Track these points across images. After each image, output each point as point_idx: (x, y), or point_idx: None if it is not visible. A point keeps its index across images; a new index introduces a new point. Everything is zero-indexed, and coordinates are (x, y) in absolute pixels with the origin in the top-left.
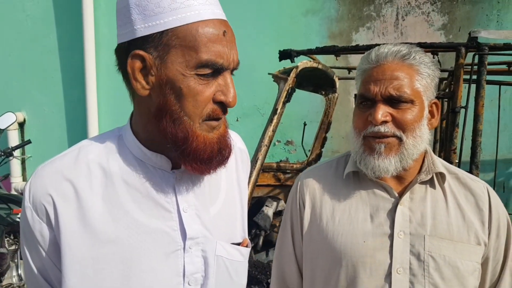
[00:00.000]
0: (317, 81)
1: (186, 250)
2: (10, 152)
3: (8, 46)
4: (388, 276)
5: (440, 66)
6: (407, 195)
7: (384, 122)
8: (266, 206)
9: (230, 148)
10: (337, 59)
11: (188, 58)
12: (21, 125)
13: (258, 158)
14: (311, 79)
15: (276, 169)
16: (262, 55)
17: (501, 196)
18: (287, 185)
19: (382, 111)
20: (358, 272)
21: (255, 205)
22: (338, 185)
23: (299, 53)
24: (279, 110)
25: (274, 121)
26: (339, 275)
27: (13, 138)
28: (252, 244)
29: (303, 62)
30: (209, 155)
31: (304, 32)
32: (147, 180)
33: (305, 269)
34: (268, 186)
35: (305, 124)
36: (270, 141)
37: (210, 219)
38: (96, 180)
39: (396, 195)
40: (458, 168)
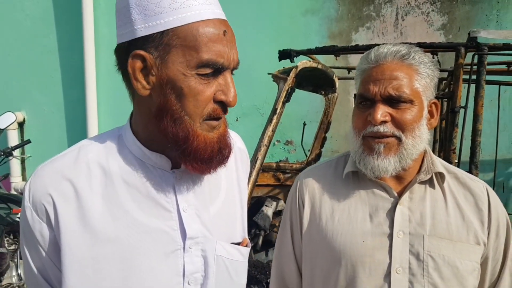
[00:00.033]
0: (317, 81)
1: (186, 250)
2: (9, 152)
3: (7, 46)
4: (388, 275)
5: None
6: (407, 195)
7: (384, 122)
8: (266, 206)
9: (230, 147)
10: (336, 59)
11: (188, 58)
12: (21, 125)
13: (257, 158)
14: (311, 79)
15: (275, 169)
16: (261, 55)
17: (500, 196)
18: (287, 185)
19: (382, 111)
20: (357, 271)
21: (255, 205)
22: (338, 185)
23: (299, 53)
24: (278, 110)
25: (274, 121)
26: (338, 274)
27: (13, 138)
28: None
29: (302, 62)
30: (210, 154)
31: (303, 32)
32: (147, 180)
33: (305, 269)
34: (268, 186)
35: (304, 124)
36: (270, 141)
37: (210, 219)
38: (96, 180)
39: (396, 195)
40: (458, 168)
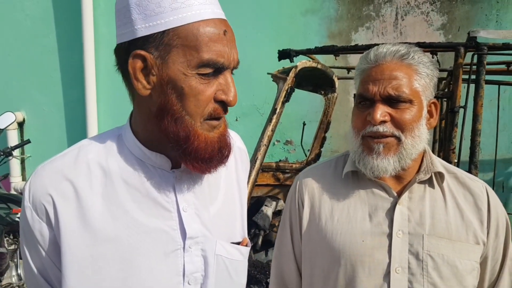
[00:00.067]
0: (316, 81)
1: (186, 250)
2: (9, 152)
3: (7, 46)
4: (387, 275)
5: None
6: (406, 195)
7: (383, 122)
8: (265, 205)
9: (230, 147)
10: (336, 59)
11: (189, 57)
12: (21, 124)
13: (257, 157)
14: (310, 79)
15: (275, 169)
16: (261, 54)
17: (500, 196)
18: (286, 184)
19: (381, 111)
20: (357, 271)
21: (254, 205)
22: (337, 185)
23: (298, 52)
24: (278, 110)
25: (273, 120)
26: (338, 274)
27: (13, 137)
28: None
29: (302, 62)
30: (210, 154)
31: (303, 31)
32: (147, 180)
33: (304, 268)
34: (267, 185)
35: (304, 124)
36: (269, 141)
37: (209, 219)
38: (96, 180)
39: (395, 194)
40: (457, 167)
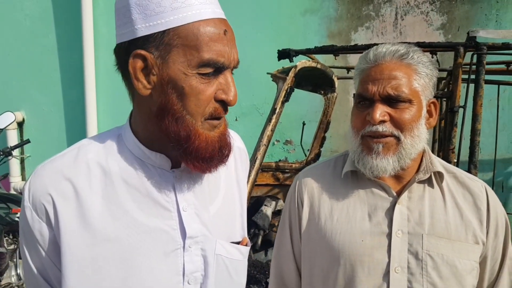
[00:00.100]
0: (316, 81)
1: (186, 249)
2: (9, 152)
3: (7, 46)
4: (386, 275)
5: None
6: (405, 194)
7: (382, 121)
8: (265, 205)
9: (230, 146)
10: (336, 59)
11: (190, 57)
12: (20, 124)
13: (257, 157)
14: (310, 79)
15: (275, 169)
16: (260, 54)
17: (499, 196)
18: (286, 184)
19: (380, 111)
20: (356, 271)
21: (254, 205)
22: (336, 184)
23: (298, 52)
24: (278, 110)
25: (273, 120)
26: (337, 274)
27: (12, 137)
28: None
29: (302, 62)
30: (211, 153)
31: (303, 31)
32: (147, 179)
33: (304, 268)
34: (267, 185)
35: (304, 124)
36: (269, 141)
37: (209, 218)
38: (96, 180)
39: (394, 194)
40: (457, 167)
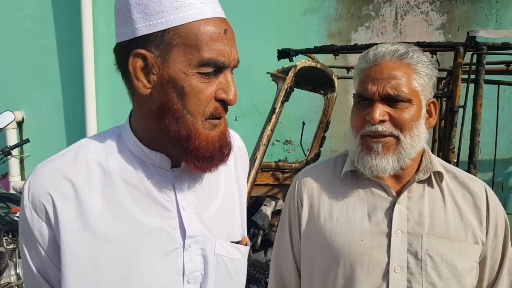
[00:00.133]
0: (316, 81)
1: (186, 249)
2: (8, 151)
3: (6, 46)
4: (386, 274)
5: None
6: (405, 194)
7: (382, 121)
8: (265, 205)
9: (230, 145)
10: (335, 59)
11: (190, 56)
12: (20, 124)
13: (256, 157)
14: (310, 79)
15: (274, 169)
16: (260, 54)
17: (499, 196)
18: (286, 184)
19: (380, 110)
20: (356, 270)
21: (254, 205)
22: (336, 184)
23: (298, 52)
24: (277, 109)
25: (273, 120)
26: (337, 273)
27: (12, 137)
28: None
29: (301, 61)
30: (211, 153)
31: (302, 31)
32: (147, 179)
33: (303, 268)
34: (267, 185)
35: (303, 124)
36: (269, 141)
37: (209, 218)
38: (96, 179)
39: (394, 194)
40: (456, 167)
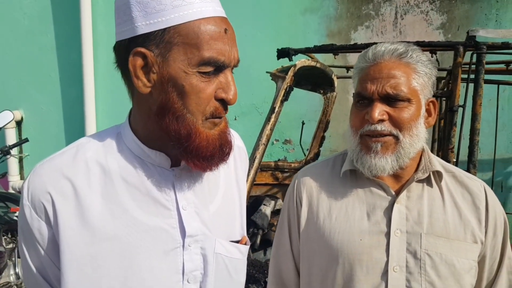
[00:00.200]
0: (316, 80)
1: (185, 248)
2: (7, 151)
3: (5, 44)
4: (385, 274)
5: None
6: (404, 194)
7: (381, 120)
8: (264, 205)
9: (230, 144)
10: (335, 58)
11: (190, 55)
12: (19, 123)
13: (256, 156)
14: (309, 78)
15: (274, 168)
16: (260, 53)
17: (499, 196)
18: (285, 184)
19: (379, 110)
20: (355, 270)
21: (253, 204)
22: (335, 183)
23: (297, 51)
24: (277, 109)
25: (272, 119)
26: (336, 273)
27: (11, 136)
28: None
29: (301, 61)
30: (212, 152)
31: (302, 30)
32: (146, 178)
33: (302, 267)
34: (266, 185)
35: (303, 123)
36: (268, 140)
37: (209, 217)
38: (95, 178)
39: (393, 193)
40: (456, 167)
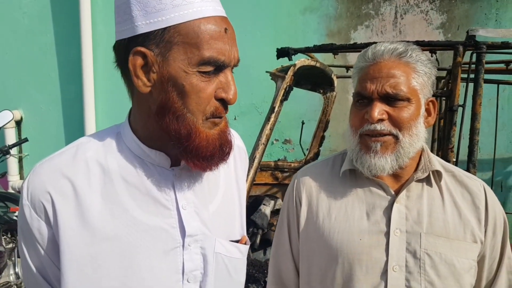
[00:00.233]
0: (315, 80)
1: (185, 248)
2: (7, 150)
3: (5, 44)
4: (384, 273)
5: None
6: (404, 193)
7: (381, 120)
8: (264, 204)
9: (231, 144)
10: (335, 57)
11: (190, 55)
12: (18, 123)
13: (255, 156)
14: (309, 77)
15: (273, 168)
16: (260, 53)
17: (498, 195)
18: (285, 183)
19: (379, 109)
20: (354, 269)
21: (253, 204)
22: (335, 183)
23: (297, 51)
24: (276, 109)
25: (272, 119)
26: (335, 272)
27: (10, 136)
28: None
29: (301, 60)
30: (212, 151)
31: (302, 30)
32: (146, 178)
33: (302, 267)
34: (266, 184)
35: (303, 123)
36: (268, 140)
37: (209, 217)
38: (95, 178)
39: (393, 193)
40: (455, 166)
